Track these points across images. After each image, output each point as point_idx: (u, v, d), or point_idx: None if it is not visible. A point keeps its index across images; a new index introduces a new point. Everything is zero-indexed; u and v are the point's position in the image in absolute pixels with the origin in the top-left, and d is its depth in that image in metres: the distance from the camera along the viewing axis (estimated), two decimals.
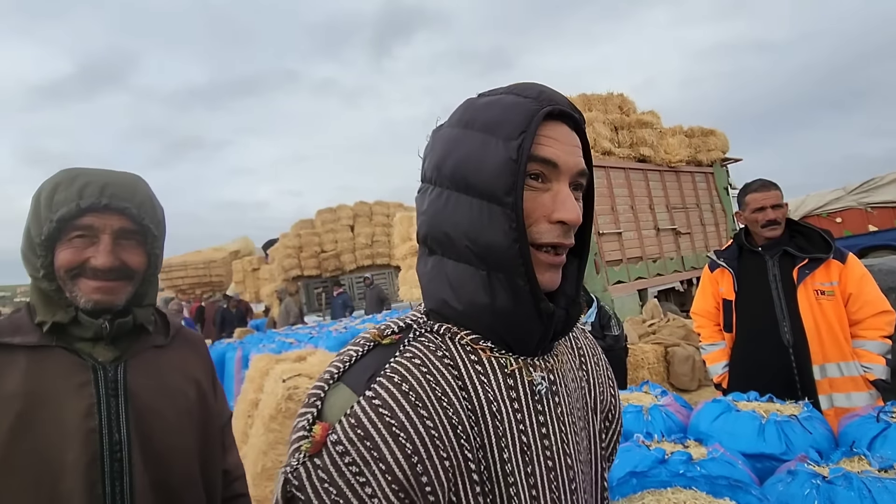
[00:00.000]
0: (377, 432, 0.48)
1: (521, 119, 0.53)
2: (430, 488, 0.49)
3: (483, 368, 0.55)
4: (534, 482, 0.54)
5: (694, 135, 7.81)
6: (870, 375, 2.00)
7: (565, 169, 0.54)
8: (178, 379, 0.96)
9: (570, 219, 0.53)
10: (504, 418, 0.54)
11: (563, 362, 0.62)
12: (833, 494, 1.19)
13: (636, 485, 1.31)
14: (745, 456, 1.63)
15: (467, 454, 0.52)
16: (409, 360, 0.53)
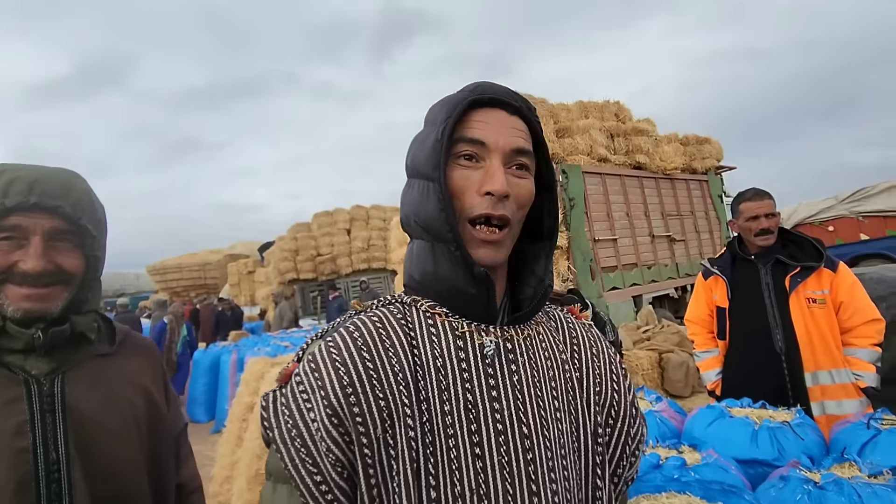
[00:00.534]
0: (324, 366, 0.57)
1: (451, 107, 0.61)
2: (360, 419, 0.55)
3: (436, 331, 0.61)
4: (478, 440, 0.56)
5: (689, 143, 7.89)
6: (861, 383, 2.03)
7: (495, 147, 0.60)
8: (125, 389, 0.90)
9: (496, 189, 0.58)
10: (448, 374, 0.58)
11: (534, 339, 0.64)
12: (824, 500, 1.21)
13: (631, 491, 1.33)
14: (738, 462, 1.65)
15: (405, 400, 0.56)
16: (368, 318, 0.62)
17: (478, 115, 0.62)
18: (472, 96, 0.62)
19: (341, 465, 0.54)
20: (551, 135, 6.36)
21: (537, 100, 6.41)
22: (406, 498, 0.54)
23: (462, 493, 0.55)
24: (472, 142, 0.60)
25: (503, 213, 0.59)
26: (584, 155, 6.38)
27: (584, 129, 6.45)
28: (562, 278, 5.72)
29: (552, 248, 0.68)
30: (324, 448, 0.54)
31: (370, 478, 0.54)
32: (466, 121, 0.61)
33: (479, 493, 0.55)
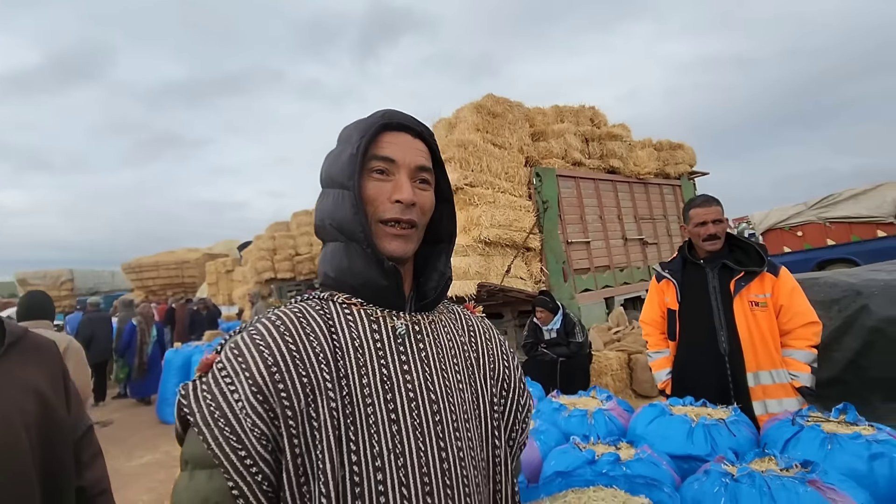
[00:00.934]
0: (247, 350, 0.63)
1: (364, 129, 0.72)
2: (285, 394, 0.61)
3: (353, 318, 0.70)
4: (393, 407, 0.65)
5: (662, 148, 8.06)
6: (796, 383, 2.12)
7: (402, 164, 0.72)
8: (13, 393, 0.87)
9: (404, 198, 0.70)
10: (366, 352, 0.67)
11: (438, 325, 0.76)
12: (738, 492, 1.28)
13: (561, 483, 1.39)
14: (675, 457, 1.73)
15: (326, 377, 0.64)
16: (289, 309, 0.70)
17: (387, 137, 0.73)
18: (383, 120, 0.73)
19: (266, 439, 0.60)
20: (527, 138, 6.45)
21: (514, 103, 6.49)
22: (329, 462, 0.60)
23: (380, 453, 0.62)
24: (384, 159, 0.72)
25: (410, 217, 0.71)
26: (559, 158, 6.48)
27: (559, 134, 6.55)
28: (534, 280, 5.80)
29: (451, 248, 0.81)
30: (249, 424, 0.59)
31: (295, 447, 0.60)
32: (378, 141, 0.72)
33: (396, 452, 0.63)
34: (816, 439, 1.55)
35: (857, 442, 1.47)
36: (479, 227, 5.39)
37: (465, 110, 6.16)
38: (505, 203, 5.69)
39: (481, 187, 5.65)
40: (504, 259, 5.64)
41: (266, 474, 0.59)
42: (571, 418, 2.15)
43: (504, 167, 5.97)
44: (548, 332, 4.74)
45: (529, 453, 1.80)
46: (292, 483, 0.60)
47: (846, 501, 1.21)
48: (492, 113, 6.14)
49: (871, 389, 3.45)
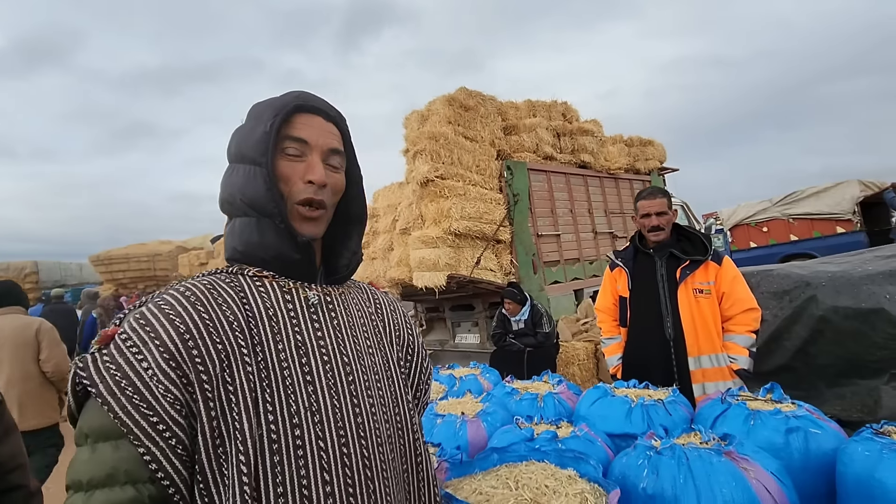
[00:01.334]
0: (156, 319, 0.64)
1: (277, 108, 0.74)
2: (199, 360, 0.63)
3: (265, 289, 0.72)
4: (308, 370, 0.70)
5: (633, 144, 8.20)
6: (734, 366, 2.23)
7: (315, 145, 0.74)
8: None
9: (315, 178, 0.72)
10: (280, 321, 0.70)
11: (348, 298, 0.81)
12: (659, 463, 1.35)
13: (496, 459, 1.44)
14: (614, 436, 1.80)
15: (241, 343, 0.67)
16: (198, 281, 0.71)
17: (301, 119, 0.75)
18: (297, 102, 0.75)
19: (179, 404, 0.61)
20: (499, 131, 6.49)
21: (486, 97, 6.52)
22: (247, 421, 0.63)
23: (297, 411, 0.66)
24: (297, 140, 0.74)
25: (321, 198, 0.74)
26: (531, 152, 6.55)
27: (530, 128, 6.61)
28: (504, 272, 5.87)
29: (362, 229, 0.86)
30: (161, 390, 0.61)
31: (210, 410, 0.62)
32: (291, 122, 0.74)
33: (312, 410, 0.67)
34: (741, 416, 1.64)
35: (776, 417, 1.57)
36: (449, 218, 5.42)
37: (438, 103, 6.16)
38: (475, 195, 5.73)
39: (452, 179, 5.68)
40: (474, 251, 5.69)
41: (180, 438, 0.61)
42: (522, 401, 2.22)
43: (475, 160, 6.00)
44: (516, 323, 4.82)
45: (476, 433, 1.85)
46: (208, 445, 0.62)
47: (757, 470, 1.29)
48: (464, 106, 6.16)
49: (819, 376, 3.61)
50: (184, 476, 0.61)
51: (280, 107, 0.74)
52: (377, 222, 6.90)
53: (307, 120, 0.75)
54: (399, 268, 5.82)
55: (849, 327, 3.26)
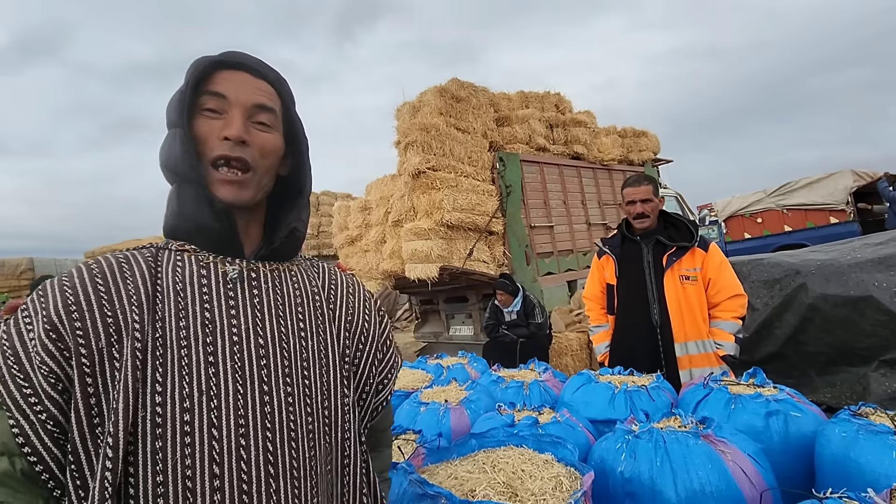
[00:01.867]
0: (51, 291, 0.62)
1: (197, 65, 0.69)
2: (81, 333, 0.59)
3: (182, 264, 0.68)
4: (212, 350, 0.63)
5: (626, 135, 8.18)
6: (720, 352, 2.22)
7: (235, 101, 0.68)
8: None
9: (231, 134, 0.67)
10: (188, 296, 0.65)
11: (284, 275, 0.74)
12: (637, 447, 1.35)
13: (475, 444, 1.43)
14: (597, 422, 1.80)
15: (135, 318, 0.61)
16: (113, 257, 0.67)
17: (223, 75, 0.70)
18: (220, 58, 0.70)
19: (55, 377, 0.58)
20: (491, 123, 6.46)
21: (479, 88, 6.48)
22: (123, 401, 0.57)
23: (190, 394, 0.60)
24: (215, 95, 0.68)
25: (240, 155, 0.67)
26: (523, 144, 6.52)
27: (523, 119, 6.58)
28: (497, 263, 5.86)
29: (303, 202, 0.79)
30: (38, 361, 0.58)
31: (88, 386, 0.58)
32: (212, 78, 0.69)
33: (210, 395, 0.61)
34: (722, 400, 1.63)
35: (756, 401, 1.56)
36: (441, 210, 5.40)
37: (429, 94, 6.12)
38: (468, 187, 5.70)
39: (444, 171, 5.65)
40: (467, 243, 5.68)
41: (52, 413, 0.58)
42: (508, 389, 2.21)
43: (467, 151, 5.97)
44: (508, 314, 4.82)
45: (459, 421, 1.85)
46: (82, 423, 0.58)
47: (734, 452, 1.29)
48: (456, 97, 6.12)
49: (809, 363, 3.62)
50: (54, 454, 0.58)
51: (199, 63, 0.69)
52: (370, 214, 6.87)
53: (229, 76, 0.70)
54: (392, 260, 5.81)
55: (838, 315, 3.26)
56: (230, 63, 0.70)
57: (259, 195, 0.71)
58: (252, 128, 0.69)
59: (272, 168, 0.72)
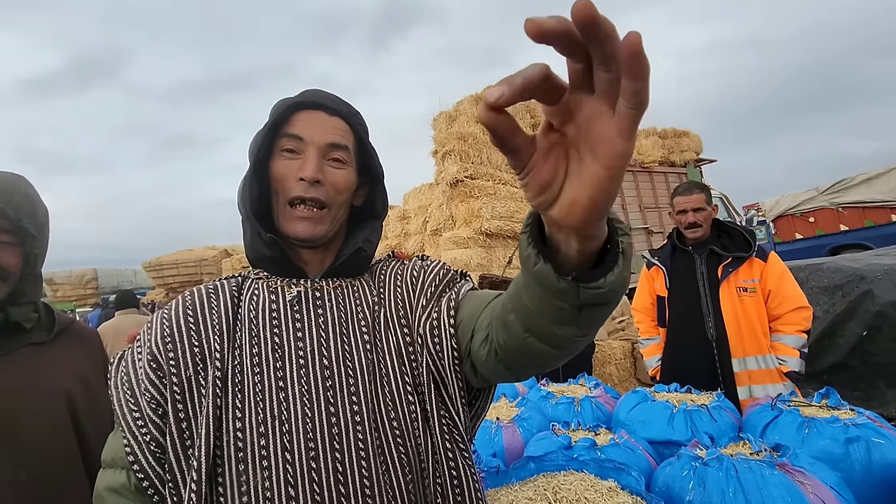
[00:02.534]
0: (155, 323, 0.70)
1: (278, 108, 0.73)
2: (174, 363, 0.66)
3: (258, 291, 0.73)
4: (282, 375, 0.66)
5: (667, 136, 7.95)
6: (784, 368, 2.11)
7: (311, 141, 0.72)
8: (59, 375, 0.94)
9: (306, 175, 0.70)
10: (259, 322, 0.69)
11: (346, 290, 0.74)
12: (705, 474, 1.29)
13: (533, 468, 1.41)
14: (656, 443, 1.73)
15: (216, 347, 0.67)
16: (204, 287, 0.74)
17: (300, 116, 0.73)
18: (299, 99, 0.74)
19: (156, 403, 0.64)
20: (527, 129, 6.41)
21: None
22: (206, 428, 0.62)
23: (264, 420, 0.63)
24: (292, 136, 0.72)
25: (315, 195, 0.70)
26: None
27: None
28: None
29: (378, 223, 0.82)
30: (142, 388, 0.65)
31: (179, 412, 0.64)
32: (290, 120, 0.73)
33: (281, 419, 0.64)
34: (794, 424, 1.54)
35: (834, 426, 1.47)
36: (479, 218, 5.39)
37: (466, 103, 6.14)
38: (506, 194, 5.68)
39: (482, 179, 5.65)
40: (506, 250, 5.64)
41: (154, 435, 0.63)
42: (559, 406, 2.17)
43: (505, 159, 5.95)
44: None
45: (512, 439, 1.82)
46: (176, 445, 0.63)
47: (815, 484, 1.21)
48: None
49: (877, 375, 3.41)
50: (157, 472, 0.63)
51: (279, 106, 0.73)
52: (408, 224, 6.93)
53: (306, 116, 0.73)
54: None
55: None
56: (307, 104, 0.74)
57: (334, 229, 0.75)
58: (326, 166, 0.72)
59: (346, 202, 0.76)
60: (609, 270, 0.43)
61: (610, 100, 0.32)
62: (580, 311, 0.46)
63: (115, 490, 0.65)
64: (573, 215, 0.37)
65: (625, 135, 0.32)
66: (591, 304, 0.45)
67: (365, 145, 0.78)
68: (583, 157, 0.35)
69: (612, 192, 0.35)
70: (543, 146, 0.36)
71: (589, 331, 0.50)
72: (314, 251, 0.75)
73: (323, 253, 0.76)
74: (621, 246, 0.44)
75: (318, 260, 0.76)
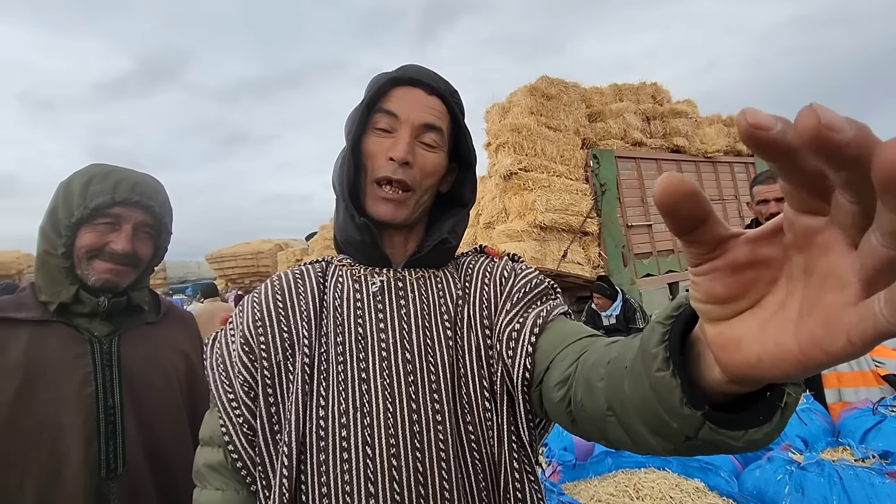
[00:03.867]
0: (247, 307, 0.70)
1: (374, 83, 0.70)
2: (265, 347, 0.65)
3: (342, 278, 0.71)
4: (364, 367, 0.64)
5: (733, 123, 7.49)
6: (882, 370, 1.94)
7: (405, 120, 0.68)
8: (168, 352, 1.04)
9: (397, 155, 0.66)
10: (344, 312, 0.67)
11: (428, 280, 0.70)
12: (804, 480, 1.21)
13: (611, 464, 1.37)
14: None
15: (304, 333, 0.66)
16: (291, 272, 0.73)
17: (397, 92, 0.70)
18: (395, 75, 0.70)
19: (248, 386, 0.64)
20: (583, 119, 6.24)
21: (569, 84, 6.29)
22: (295, 413, 0.61)
23: (346, 411, 0.62)
24: (387, 113, 0.69)
25: (402, 177, 0.66)
26: (618, 139, 6.23)
27: (617, 113, 6.29)
28: (592, 265, 5.65)
29: (465, 212, 0.76)
30: (236, 371, 0.65)
31: (269, 396, 0.63)
32: (387, 96, 0.70)
33: (363, 411, 0.62)
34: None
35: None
36: (533, 211, 5.31)
37: (519, 94, 6.04)
38: (560, 187, 5.56)
39: (536, 171, 5.55)
40: (560, 244, 5.53)
41: (246, 417, 0.64)
42: None
43: (559, 150, 5.81)
44: (606, 319, 4.62)
45: None
46: (265, 428, 0.63)
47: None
48: (546, 95, 5.99)
49: None
50: (249, 454, 0.63)
51: (376, 81, 0.70)
52: None
53: (404, 93, 0.69)
54: None
55: None
56: (405, 79, 0.70)
57: (416, 213, 0.71)
58: (418, 147, 0.69)
59: (433, 187, 0.71)
60: (757, 424, 0.32)
61: (852, 234, 0.21)
62: (688, 441, 0.34)
63: (214, 467, 0.66)
64: (737, 362, 0.26)
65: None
66: (709, 445, 0.34)
67: (460, 127, 0.73)
68: (800, 300, 0.24)
69: (813, 367, 0.23)
70: (743, 254, 0.26)
71: (685, 455, 0.39)
72: (397, 232, 0.71)
73: (405, 237, 0.72)
74: (785, 399, 0.32)
75: (400, 243, 0.72)
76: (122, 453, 0.92)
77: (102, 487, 0.90)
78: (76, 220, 0.92)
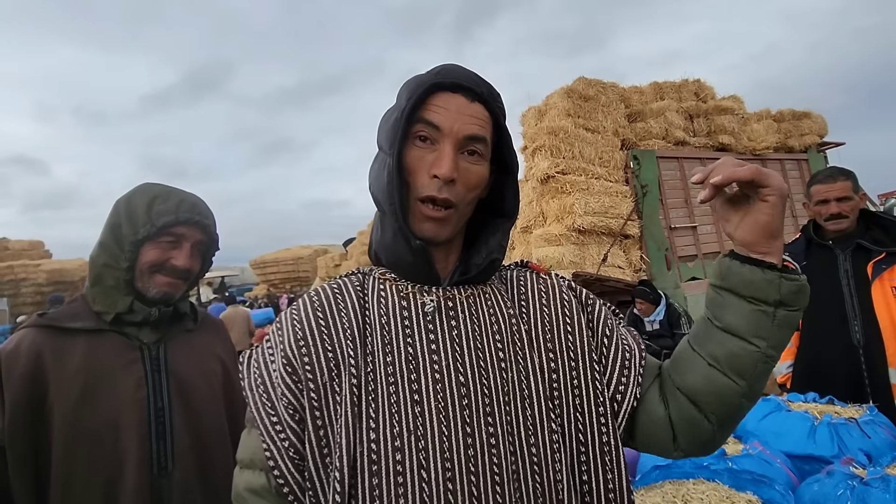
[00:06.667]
0: (285, 324, 0.67)
1: (414, 88, 0.65)
2: (309, 367, 0.63)
3: (385, 294, 0.68)
4: (417, 388, 0.62)
5: (784, 119, 7.16)
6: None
7: (449, 133, 0.64)
8: (207, 357, 1.12)
9: (441, 173, 0.63)
10: (392, 330, 0.65)
11: (479, 300, 0.69)
12: (867, 496, 1.15)
13: (658, 475, 1.34)
14: (793, 457, 1.57)
15: (350, 352, 0.63)
16: (329, 286, 0.70)
17: (438, 99, 0.65)
18: (435, 80, 0.65)
19: (293, 409, 0.61)
20: (622, 120, 6.12)
21: (607, 84, 6.18)
22: (345, 437, 0.59)
23: (400, 433, 0.60)
24: (429, 124, 0.64)
25: (447, 196, 0.64)
26: (659, 139, 6.07)
27: (658, 112, 6.13)
28: (633, 268, 5.51)
29: (510, 224, 0.74)
30: (279, 392, 0.62)
31: (316, 419, 0.61)
32: (428, 103, 0.65)
33: (417, 434, 0.60)
34: None
35: None
36: (572, 215, 5.24)
37: (556, 96, 5.99)
38: (599, 189, 5.46)
39: (574, 174, 5.48)
40: (600, 247, 5.43)
41: (292, 441, 0.60)
42: None
43: (598, 152, 5.71)
44: (650, 324, 4.49)
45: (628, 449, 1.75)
46: (315, 453, 0.60)
47: None
48: (583, 96, 5.91)
49: None
50: (296, 478, 0.60)
51: (416, 86, 0.65)
52: None
53: (445, 101, 0.65)
54: None
55: None
56: (447, 84, 0.66)
57: (458, 227, 0.69)
58: (461, 160, 0.65)
59: (475, 199, 0.69)
60: (798, 273, 0.62)
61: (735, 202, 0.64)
62: (776, 313, 0.62)
63: (256, 492, 0.64)
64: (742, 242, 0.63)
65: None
66: (788, 303, 0.61)
67: (502, 132, 0.70)
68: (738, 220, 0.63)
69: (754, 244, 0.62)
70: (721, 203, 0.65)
71: (776, 350, 0.63)
72: (437, 248, 0.69)
73: (446, 252, 0.71)
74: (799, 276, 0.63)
75: (442, 258, 0.70)
76: (171, 452, 1.00)
77: (155, 484, 0.97)
78: (142, 236, 0.99)
